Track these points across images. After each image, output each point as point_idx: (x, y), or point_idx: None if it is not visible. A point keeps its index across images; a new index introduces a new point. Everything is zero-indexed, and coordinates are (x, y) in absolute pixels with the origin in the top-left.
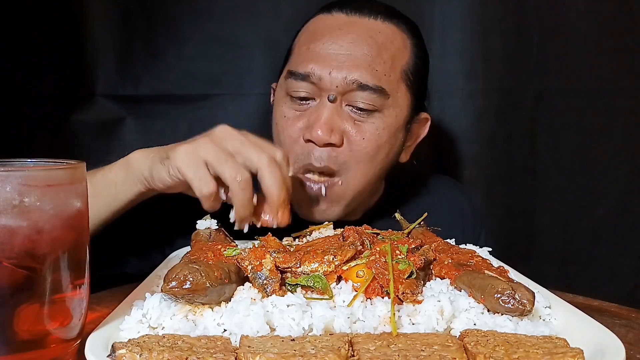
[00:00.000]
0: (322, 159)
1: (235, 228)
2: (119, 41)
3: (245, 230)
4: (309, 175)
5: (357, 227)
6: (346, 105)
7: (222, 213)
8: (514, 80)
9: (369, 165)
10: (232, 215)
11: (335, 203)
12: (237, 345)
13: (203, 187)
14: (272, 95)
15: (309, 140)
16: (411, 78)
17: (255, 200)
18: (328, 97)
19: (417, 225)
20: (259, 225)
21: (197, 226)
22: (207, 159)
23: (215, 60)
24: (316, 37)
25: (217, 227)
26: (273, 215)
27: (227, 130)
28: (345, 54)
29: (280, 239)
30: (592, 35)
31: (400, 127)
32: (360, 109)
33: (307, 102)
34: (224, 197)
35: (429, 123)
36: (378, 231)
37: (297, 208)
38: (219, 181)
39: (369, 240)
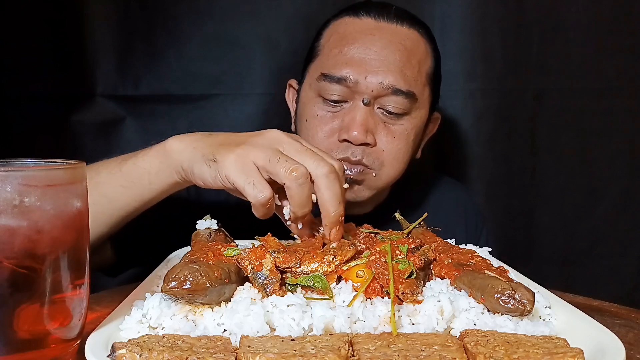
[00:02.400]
0: (357, 154)
1: (289, 224)
2: (119, 41)
3: (300, 227)
4: (344, 165)
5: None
6: (378, 108)
7: (222, 213)
8: (514, 80)
9: (401, 162)
10: (287, 212)
11: (366, 188)
12: (237, 345)
13: (258, 194)
14: (287, 91)
15: (344, 140)
16: (433, 80)
17: (314, 198)
18: (363, 101)
19: (417, 225)
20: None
21: (197, 226)
22: (258, 163)
23: (215, 60)
24: (348, 40)
25: (217, 227)
26: (326, 232)
27: (280, 134)
28: (379, 59)
29: (280, 239)
30: (592, 35)
31: (423, 126)
32: (392, 113)
33: (340, 104)
34: (278, 202)
35: (439, 121)
36: (378, 231)
37: None
38: (273, 185)
39: (363, 242)
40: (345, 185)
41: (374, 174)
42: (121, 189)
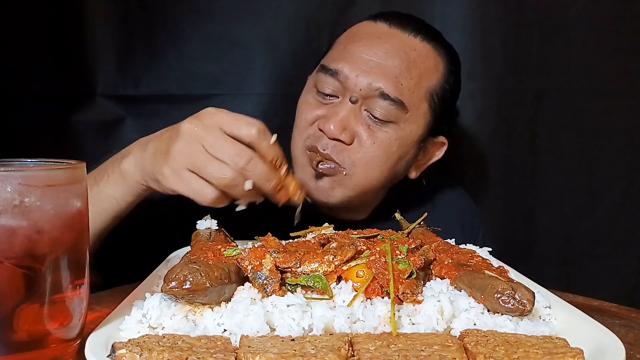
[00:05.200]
0: (327, 147)
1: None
2: (119, 41)
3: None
4: (314, 158)
5: (343, 232)
6: (364, 109)
7: (222, 213)
8: (514, 80)
9: (376, 169)
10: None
11: (338, 187)
12: (237, 345)
13: (205, 197)
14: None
15: (321, 130)
16: (435, 100)
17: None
18: (350, 98)
19: (417, 226)
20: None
21: (197, 226)
22: (192, 168)
23: (215, 60)
24: (354, 39)
25: (217, 227)
26: (273, 200)
27: (194, 129)
28: (376, 61)
29: (280, 239)
30: (592, 35)
31: (413, 142)
32: (376, 117)
33: (331, 98)
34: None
35: (445, 147)
36: (378, 231)
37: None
38: None
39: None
40: (272, 140)
41: (344, 172)
42: (92, 214)
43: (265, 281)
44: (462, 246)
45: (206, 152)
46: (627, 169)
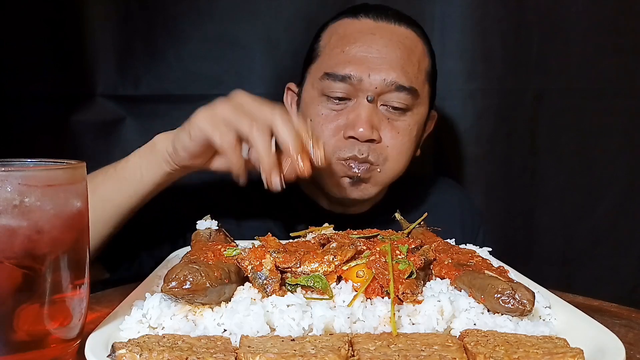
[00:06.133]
0: (364, 150)
1: (267, 186)
2: (119, 41)
3: (277, 187)
4: (352, 164)
5: (343, 232)
6: (381, 105)
7: (222, 213)
8: (514, 80)
9: (404, 156)
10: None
11: (372, 185)
12: (237, 345)
13: (224, 139)
14: (285, 95)
15: (350, 137)
16: (431, 79)
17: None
18: (367, 98)
19: (417, 225)
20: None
21: (197, 226)
22: (224, 116)
23: (215, 60)
24: (349, 40)
25: (217, 227)
26: (293, 162)
27: (243, 95)
28: (381, 57)
29: (280, 238)
30: (592, 35)
31: (423, 123)
32: (395, 108)
33: (344, 101)
34: (245, 154)
35: (435, 119)
36: (378, 231)
37: (335, 189)
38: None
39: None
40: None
41: (378, 170)
42: (117, 187)
43: (265, 281)
44: (462, 246)
45: (245, 109)
46: (627, 169)
